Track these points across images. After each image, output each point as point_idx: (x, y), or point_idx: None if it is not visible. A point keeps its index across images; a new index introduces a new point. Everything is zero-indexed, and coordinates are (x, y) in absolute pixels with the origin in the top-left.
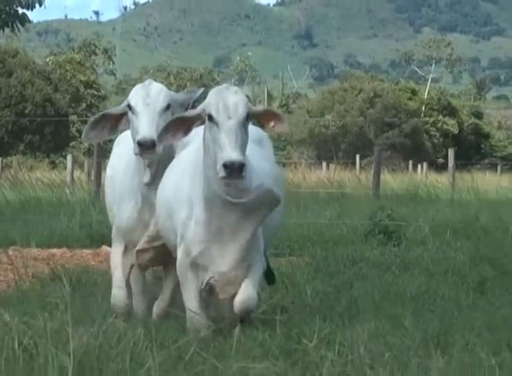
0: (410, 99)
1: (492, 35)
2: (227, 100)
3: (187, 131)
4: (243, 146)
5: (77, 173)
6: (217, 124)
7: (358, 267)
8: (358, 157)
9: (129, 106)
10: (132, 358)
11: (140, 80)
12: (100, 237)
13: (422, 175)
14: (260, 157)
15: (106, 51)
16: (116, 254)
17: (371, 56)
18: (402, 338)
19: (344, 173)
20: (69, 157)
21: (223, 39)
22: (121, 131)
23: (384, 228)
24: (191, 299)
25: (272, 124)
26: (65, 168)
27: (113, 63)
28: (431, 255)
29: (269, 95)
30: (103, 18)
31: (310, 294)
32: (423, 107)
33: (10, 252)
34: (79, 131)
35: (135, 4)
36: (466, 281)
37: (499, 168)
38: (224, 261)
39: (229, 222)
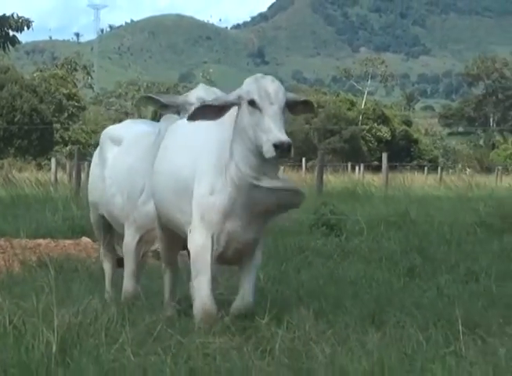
0: (349, 109)
1: (420, 54)
2: (267, 87)
3: (219, 114)
4: (284, 129)
5: (60, 174)
6: (260, 109)
7: (305, 255)
8: (304, 160)
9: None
10: (107, 334)
11: (115, 93)
12: (80, 229)
13: (359, 176)
14: None
15: (85, 67)
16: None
17: (315, 72)
18: (343, 316)
19: (292, 174)
20: (53, 160)
21: (187, 58)
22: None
23: (327, 221)
24: (205, 286)
25: (299, 108)
26: (49, 169)
27: (92, 78)
28: (368, 245)
29: None
30: (83, 39)
31: (263, 278)
32: (361, 116)
33: (1, 242)
34: (62, 138)
35: (111, 27)
36: (398, 267)
37: (425, 169)
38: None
39: (252, 207)
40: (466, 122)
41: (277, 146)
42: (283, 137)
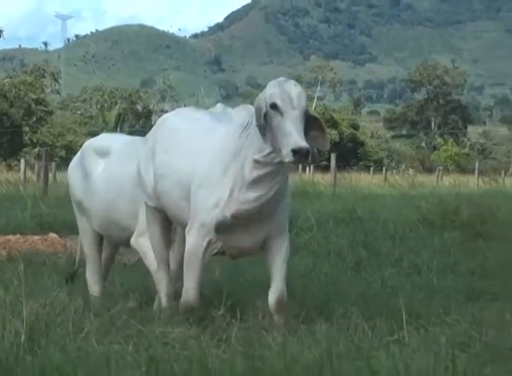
0: None
1: (366, 62)
2: (290, 91)
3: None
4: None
5: (28, 174)
6: (282, 113)
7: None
8: None
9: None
10: (74, 324)
11: (81, 98)
12: (48, 225)
13: (309, 175)
14: None
15: (52, 74)
16: None
17: (268, 79)
18: (293, 307)
19: None
20: (22, 161)
21: (148, 65)
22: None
23: None
24: (195, 279)
25: (315, 133)
26: (19, 169)
27: (59, 84)
28: (317, 240)
29: None
30: (51, 47)
31: (219, 272)
32: None
33: None
34: (30, 140)
35: (77, 36)
36: (345, 261)
37: (371, 169)
38: (247, 237)
39: (261, 203)
40: (410, 125)
41: (295, 152)
42: (303, 143)
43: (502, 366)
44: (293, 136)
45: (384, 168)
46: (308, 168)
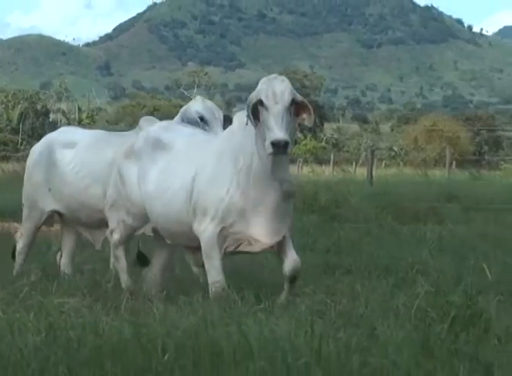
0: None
1: (236, 68)
2: (275, 88)
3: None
4: (288, 127)
5: None
6: (266, 108)
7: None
8: None
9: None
10: None
11: None
12: None
13: None
14: None
15: None
16: None
17: (151, 82)
18: (174, 281)
19: None
20: None
21: (46, 70)
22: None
23: None
24: (217, 270)
25: (304, 115)
26: None
27: None
28: None
29: (79, 109)
30: None
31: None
32: None
33: None
34: None
35: None
36: None
37: None
38: (262, 231)
39: (267, 197)
40: None
41: (274, 144)
42: (280, 135)
43: (353, 331)
44: (274, 130)
45: None
46: None
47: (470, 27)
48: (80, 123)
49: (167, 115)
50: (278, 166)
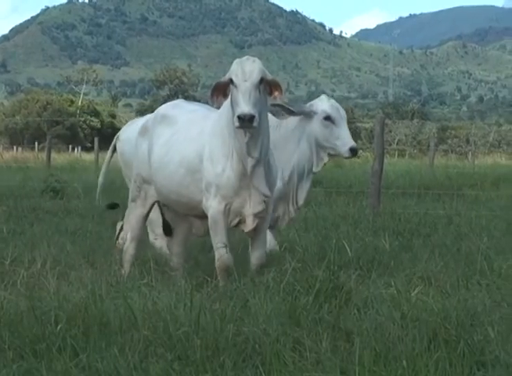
0: (70, 105)
1: (121, 66)
2: (245, 67)
3: (225, 94)
4: (256, 103)
5: None
6: (236, 86)
7: (36, 213)
8: (36, 143)
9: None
10: None
11: None
12: None
13: (78, 154)
14: None
15: None
16: None
17: (45, 78)
18: (66, 258)
19: (28, 154)
20: None
21: None
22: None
23: (54, 188)
24: (222, 240)
25: (276, 93)
26: None
27: None
28: (84, 205)
29: None
30: None
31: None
32: (78, 111)
33: None
34: None
35: None
36: (106, 221)
37: None
38: (254, 203)
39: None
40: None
41: (240, 118)
42: (246, 109)
43: (228, 303)
44: (240, 104)
45: None
46: (76, 149)
47: (331, 30)
48: None
49: (59, 109)
50: (252, 144)
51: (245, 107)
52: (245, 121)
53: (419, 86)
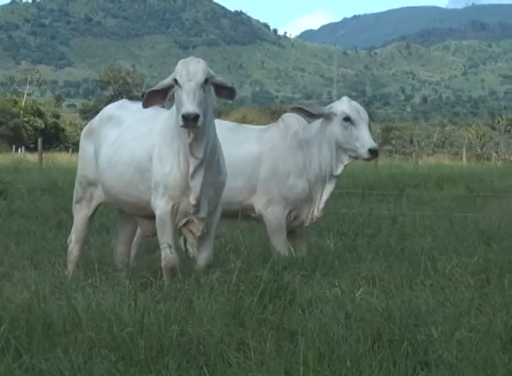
0: (13, 106)
1: (65, 66)
2: (189, 67)
3: (164, 97)
4: (200, 103)
5: None
6: (180, 86)
7: None
8: None
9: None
10: None
11: None
12: None
13: (21, 155)
14: None
15: None
16: None
17: None
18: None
19: None
20: None
21: None
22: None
23: None
24: (168, 241)
25: (223, 92)
26: None
27: None
28: (27, 206)
29: None
30: None
31: None
32: (22, 111)
33: None
34: None
35: None
36: (50, 222)
37: (70, 150)
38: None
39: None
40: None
41: (185, 117)
42: (190, 108)
43: (172, 303)
44: (185, 104)
45: None
46: (20, 150)
47: (275, 31)
48: None
49: (2, 109)
50: (195, 144)
51: (189, 106)
52: (189, 121)
53: (363, 87)
